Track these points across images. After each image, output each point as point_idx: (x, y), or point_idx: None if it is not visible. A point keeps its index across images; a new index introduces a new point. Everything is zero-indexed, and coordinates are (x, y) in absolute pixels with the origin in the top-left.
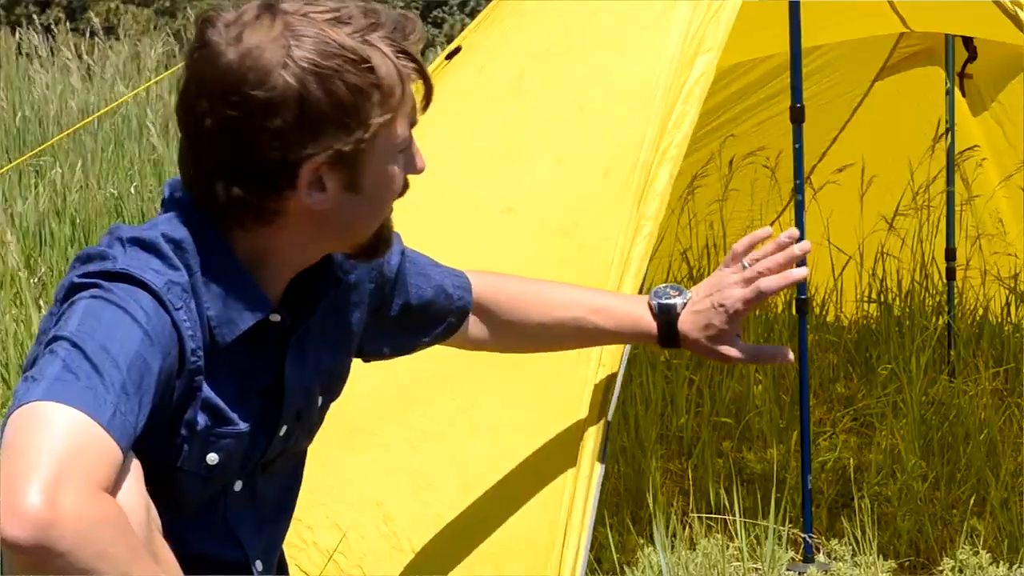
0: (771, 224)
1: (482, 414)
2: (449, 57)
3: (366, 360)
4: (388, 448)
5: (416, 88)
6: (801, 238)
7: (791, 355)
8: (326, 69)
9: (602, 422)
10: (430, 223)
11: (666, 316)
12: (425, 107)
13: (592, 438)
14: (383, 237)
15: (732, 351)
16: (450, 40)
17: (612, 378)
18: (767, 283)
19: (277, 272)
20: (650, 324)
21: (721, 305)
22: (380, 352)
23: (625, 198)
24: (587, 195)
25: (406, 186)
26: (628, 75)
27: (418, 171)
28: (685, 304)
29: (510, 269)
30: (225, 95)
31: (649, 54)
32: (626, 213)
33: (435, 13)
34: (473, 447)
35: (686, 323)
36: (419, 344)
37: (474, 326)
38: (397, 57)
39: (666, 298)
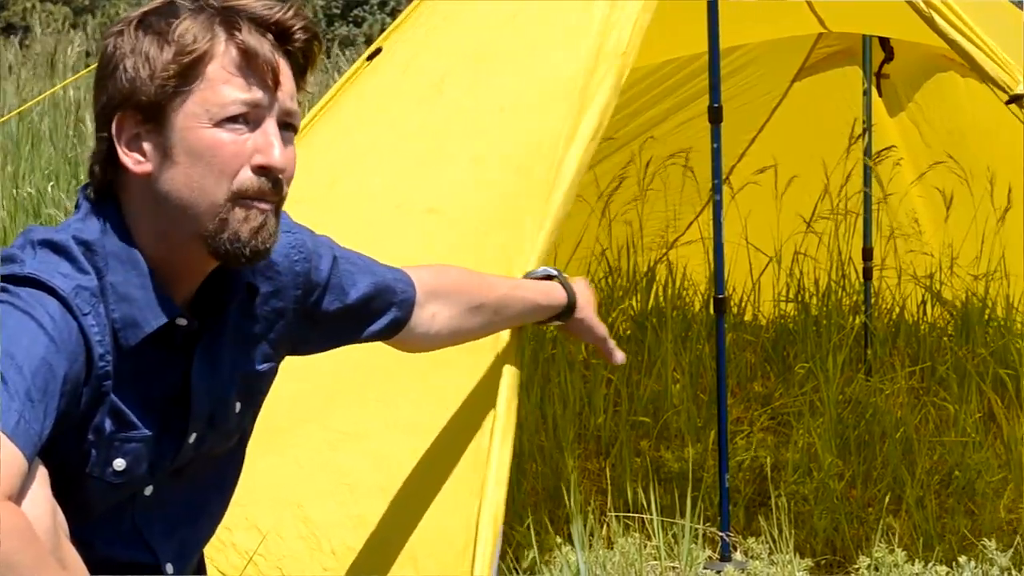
0: (690, 224)
1: (400, 414)
2: (370, 58)
3: (308, 354)
4: (307, 449)
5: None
6: (719, 238)
7: (619, 358)
8: (149, 24)
9: (513, 420)
10: (353, 224)
11: (566, 280)
12: (293, 91)
13: (504, 437)
14: (236, 236)
15: (604, 329)
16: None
17: (524, 378)
18: None
19: (179, 276)
20: (562, 294)
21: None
22: (322, 348)
23: (541, 196)
24: (505, 194)
25: (260, 174)
26: (548, 75)
27: (269, 163)
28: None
29: None
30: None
31: (568, 54)
32: (540, 210)
33: (355, 12)
34: (391, 447)
35: (581, 296)
36: (363, 338)
37: (432, 319)
38: (230, 23)
39: (552, 269)
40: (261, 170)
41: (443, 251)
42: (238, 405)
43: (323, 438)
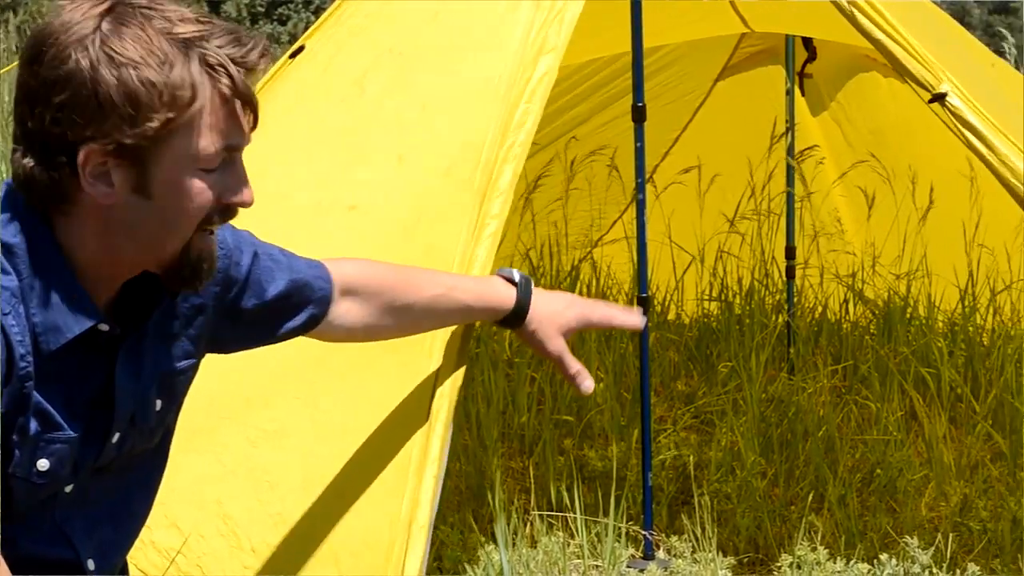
0: (614, 223)
1: (323, 412)
2: (293, 55)
3: (226, 353)
4: (228, 447)
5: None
6: (643, 237)
7: (590, 386)
8: (123, 58)
9: (443, 420)
10: (274, 222)
11: (527, 288)
12: (252, 128)
13: (434, 436)
14: (193, 264)
15: (559, 345)
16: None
17: (453, 377)
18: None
19: (105, 280)
20: (507, 296)
21: (575, 304)
22: (241, 346)
23: (467, 197)
24: (430, 193)
25: (228, 213)
26: (471, 75)
27: (242, 201)
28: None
29: None
30: (30, 62)
31: (492, 54)
32: (469, 212)
33: (280, 10)
34: (314, 445)
35: (539, 302)
36: (279, 335)
37: (346, 314)
38: (212, 71)
39: (520, 275)
40: (230, 207)
41: (365, 250)
42: (158, 403)
43: (244, 436)
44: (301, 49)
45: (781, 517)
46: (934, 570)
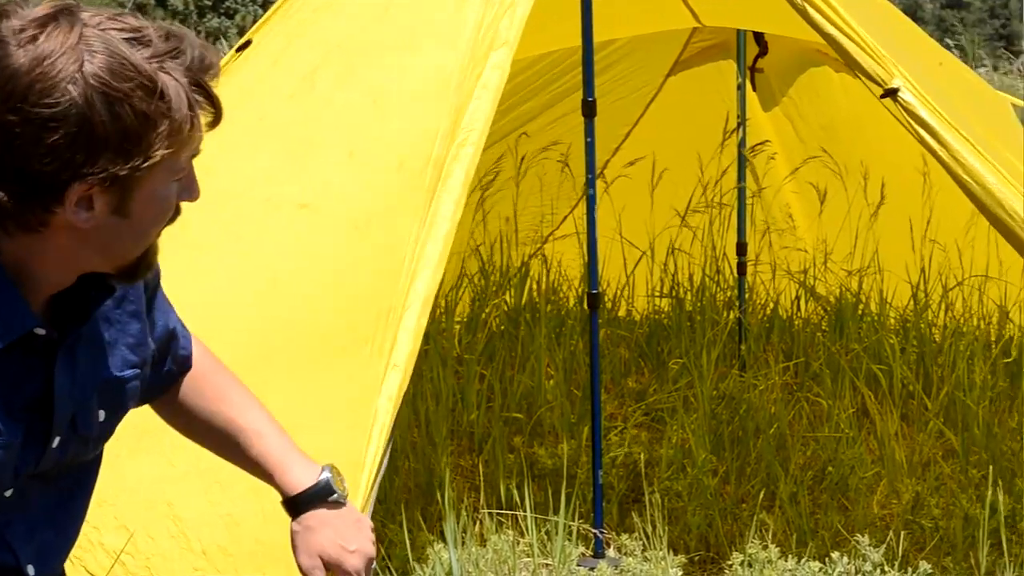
0: (564, 219)
1: (272, 412)
2: (240, 50)
3: None
4: (178, 448)
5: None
6: (593, 233)
7: None
8: (116, 91)
9: (386, 419)
10: (222, 221)
11: (321, 492)
12: (213, 126)
13: (375, 433)
14: (147, 261)
15: (310, 564)
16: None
17: (400, 378)
18: None
19: (42, 284)
20: (297, 481)
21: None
22: None
23: (419, 193)
24: (381, 190)
25: (177, 212)
26: (422, 70)
27: (192, 199)
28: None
29: (306, 265)
30: (8, 99)
31: (443, 49)
32: (420, 208)
33: (227, 4)
34: None
35: (324, 516)
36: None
37: (179, 396)
38: (192, 89)
39: (337, 482)
40: (179, 206)
41: (315, 248)
42: (102, 413)
43: None
44: (248, 44)
45: (732, 515)
46: (886, 568)
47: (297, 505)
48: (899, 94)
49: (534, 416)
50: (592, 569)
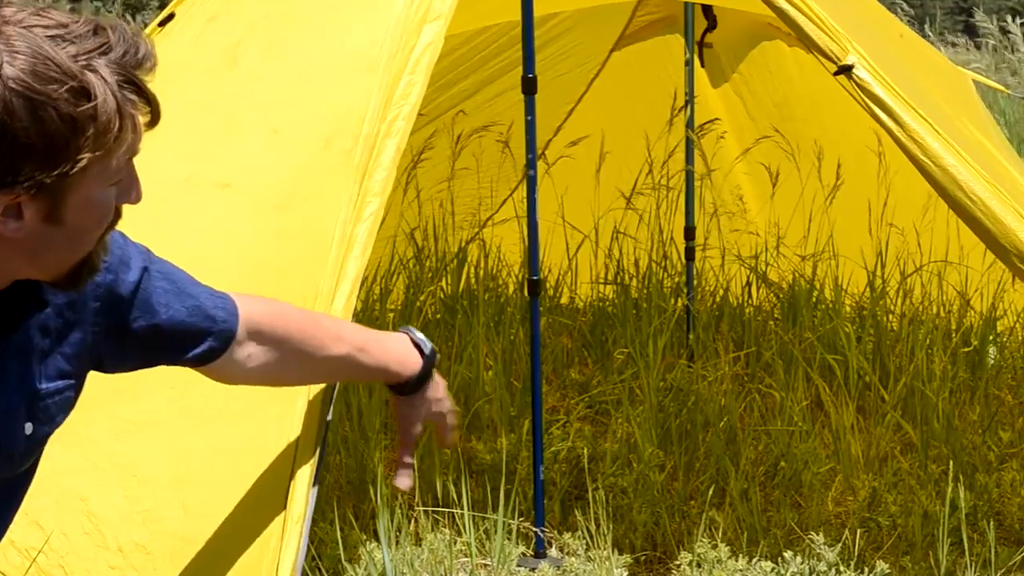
0: (504, 202)
1: (196, 404)
2: (162, 24)
3: (112, 373)
4: (94, 441)
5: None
6: (534, 216)
7: (405, 485)
8: (39, 95)
9: (319, 410)
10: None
11: (431, 362)
12: (151, 126)
13: (310, 426)
14: (90, 265)
15: (418, 431)
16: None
17: None
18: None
19: None
20: (412, 364)
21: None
22: (128, 369)
23: (347, 172)
24: (307, 168)
25: (118, 215)
26: (350, 44)
27: (132, 202)
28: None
29: (227, 247)
30: None
31: (372, 22)
32: (349, 188)
33: None
34: (186, 437)
35: (435, 378)
36: (173, 363)
37: (247, 358)
38: (121, 88)
39: (430, 346)
40: (119, 209)
41: (237, 228)
42: (29, 426)
43: (110, 428)
44: (171, 17)
45: (680, 512)
46: (841, 568)
47: (418, 383)
48: (854, 71)
49: (472, 409)
50: (533, 569)
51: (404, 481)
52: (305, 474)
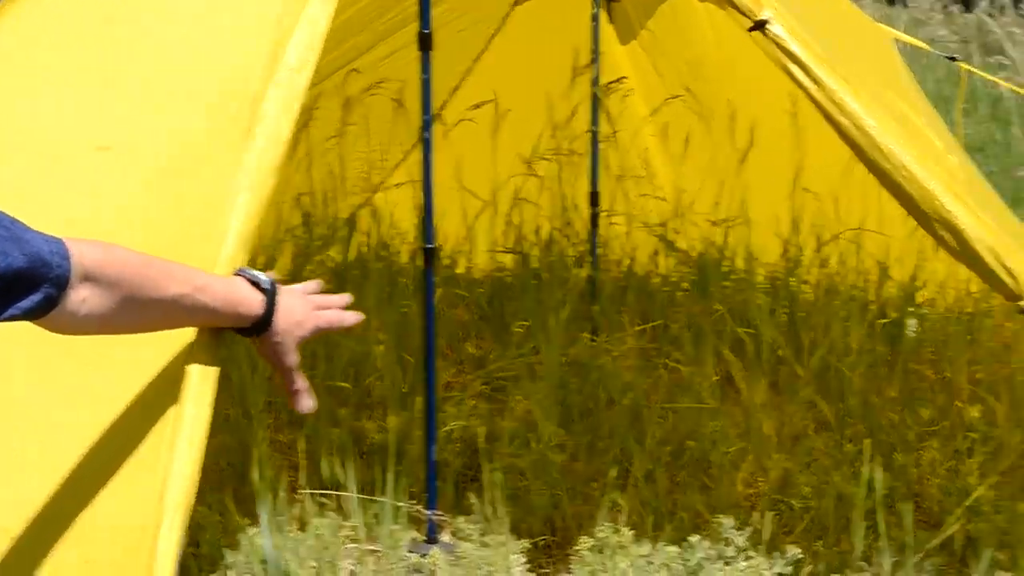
0: (397, 165)
1: (67, 379)
2: None
3: None
4: None
5: None
6: (429, 181)
7: (309, 406)
8: None
9: (201, 385)
10: (9, 170)
11: (273, 297)
12: None
13: (189, 402)
14: None
15: (294, 360)
16: None
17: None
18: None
19: None
20: (254, 302)
21: (311, 315)
22: None
23: (233, 135)
24: (192, 131)
25: None
26: (237, 2)
27: None
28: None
29: (106, 214)
30: None
31: None
32: (234, 151)
33: None
34: (56, 416)
35: (282, 311)
36: (4, 317)
37: (82, 303)
38: None
39: (269, 280)
40: None
41: (118, 194)
42: None
43: None
44: None
45: (581, 495)
46: (750, 553)
47: (264, 321)
48: (768, 26)
49: (361, 386)
50: (424, 556)
51: (306, 403)
52: (184, 457)
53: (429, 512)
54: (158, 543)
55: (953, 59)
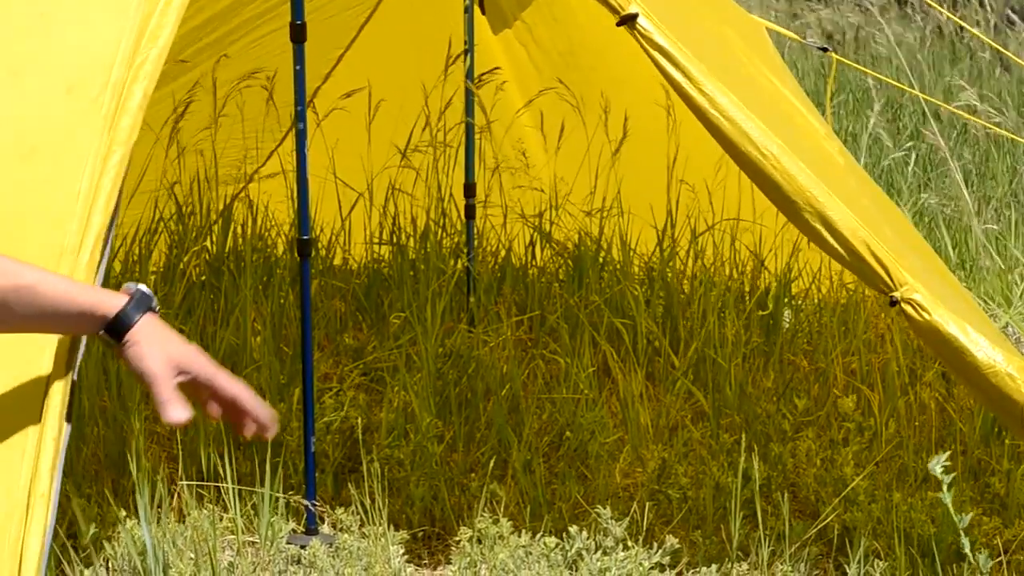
0: (270, 155)
1: None
2: None
3: None
4: None
5: None
6: (303, 171)
7: (178, 417)
8: None
9: (69, 377)
10: None
11: (140, 304)
12: None
13: (57, 395)
14: None
15: (159, 367)
16: None
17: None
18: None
19: None
20: (109, 303)
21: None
22: None
23: (94, 120)
24: (49, 115)
25: None
26: None
27: None
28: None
29: None
30: None
31: None
32: (96, 138)
33: None
34: None
35: (152, 325)
36: None
37: None
38: None
39: (141, 289)
40: None
41: None
42: None
43: None
44: None
45: (460, 486)
46: (629, 543)
47: (119, 325)
48: (637, 21)
49: (239, 376)
50: (303, 547)
51: (175, 413)
52: (50, 444)
53: (308, 503)
54: (25, 536)
55: (824, 50)
